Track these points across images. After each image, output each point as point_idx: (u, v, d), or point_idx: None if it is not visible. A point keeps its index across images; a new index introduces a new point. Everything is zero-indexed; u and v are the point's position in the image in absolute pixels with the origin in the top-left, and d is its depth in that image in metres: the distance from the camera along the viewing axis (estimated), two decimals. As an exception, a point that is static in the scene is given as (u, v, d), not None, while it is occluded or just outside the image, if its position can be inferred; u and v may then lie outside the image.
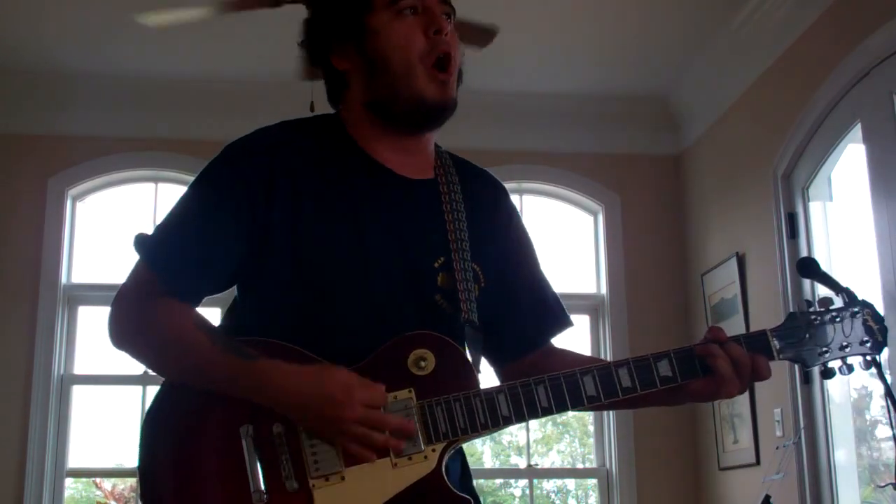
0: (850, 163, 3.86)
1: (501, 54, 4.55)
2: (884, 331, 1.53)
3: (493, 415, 1.44)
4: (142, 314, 1.48)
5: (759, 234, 4.29)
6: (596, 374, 1.47)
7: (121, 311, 1.49)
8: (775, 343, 1.51)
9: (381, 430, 1.39)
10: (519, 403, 1.45)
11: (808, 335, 1.51)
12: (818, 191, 4.04)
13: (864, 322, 1.52)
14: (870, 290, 3.35)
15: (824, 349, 1.52)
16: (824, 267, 1.58)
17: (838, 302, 1.55)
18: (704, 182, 4.97)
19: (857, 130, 3.66)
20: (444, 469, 1.43)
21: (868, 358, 1.53)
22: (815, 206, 4.04)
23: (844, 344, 1.52)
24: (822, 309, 1.53)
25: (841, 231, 3.97)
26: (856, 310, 1.53)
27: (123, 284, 1.51)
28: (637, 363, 1.48)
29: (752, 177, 4.37)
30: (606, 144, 5.20)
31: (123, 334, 1.49)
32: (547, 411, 1.46)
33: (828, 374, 1.53)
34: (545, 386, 1.46)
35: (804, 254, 3.95)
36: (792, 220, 4.08)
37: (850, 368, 1.53)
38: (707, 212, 4.90)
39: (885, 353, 3.24)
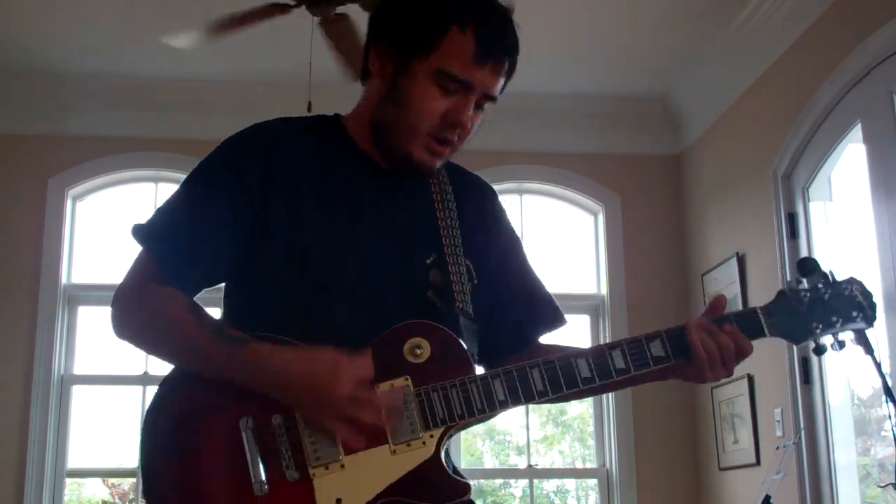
0: (850, 163, 3.86)
1: (501, 54, 4.55)
2: (873, 306, 1.55)
3: (489, 399, 1.46)
4: (137, 298, 1.50)
5: (759, 234, 4.29)
6: (590, 357, 1.49)
7: (119, 297, 1.51)
8: (765, 320, 1.52)
9: (371, 409, 1.40)
10: (514, 387, 1.47)
11: (798, 311, 1.53)
12: (818, 191, 4.04)
13: (854, 297, 1.54)
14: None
15: (815, 325, 1.53)
16: (824, 267, 1.58)
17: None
18: (704, 182, 4.97)
19: (857, 130, 3.66)
20: (442, 455, 1.44)
21: (859, 332, 1.54)
22: (815, 206, 4.04)
23: (835, 319, 1.53)
24: (812, 286, 1.55)
25: (841, 231, 3.97)
26: (845, 286, 1.54)
27: (125, 273, 1.54)
28: (630, 345, 1.50)
29: (752, 177, 4.37)
30: (606, 144, 5.20)
31: (121, 319, 1.51)
32: (543, 394, 1.47)
33: (819, 349, 1.55)
34: (540, 369, 1.47)
35: (804, 254, 3.95)
36: (792, 220, 4.08)
37: (842, 345, 1.54)
38: (707, 212, 4.90)
39: (886, 353, 3.26)
